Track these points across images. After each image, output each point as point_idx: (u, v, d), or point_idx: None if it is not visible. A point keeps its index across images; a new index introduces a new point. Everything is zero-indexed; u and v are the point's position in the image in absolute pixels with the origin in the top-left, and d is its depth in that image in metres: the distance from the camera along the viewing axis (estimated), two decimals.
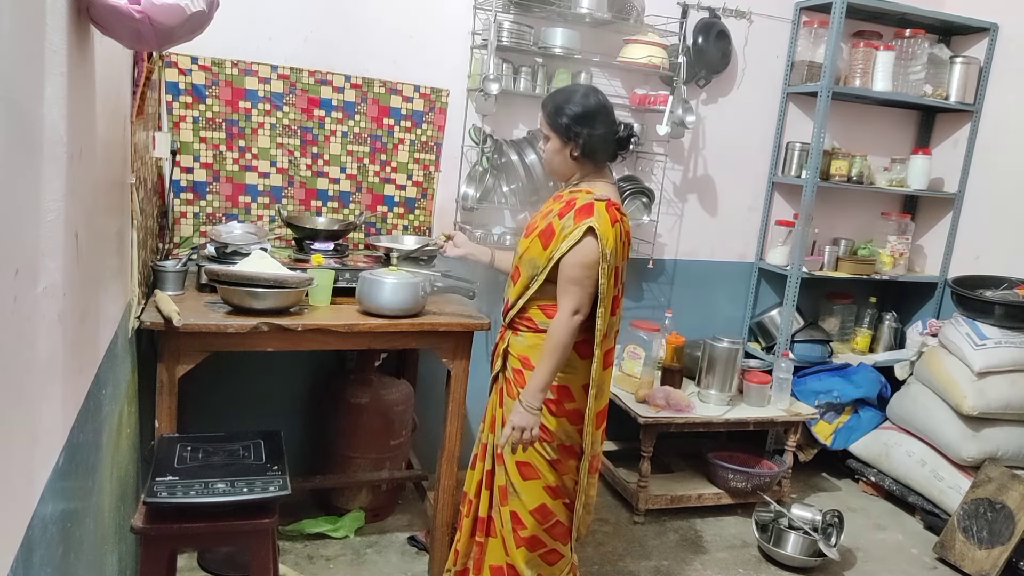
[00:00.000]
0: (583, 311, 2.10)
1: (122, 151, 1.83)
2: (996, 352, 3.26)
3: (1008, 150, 3.64)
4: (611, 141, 2.18)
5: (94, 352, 1.51)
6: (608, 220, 2.09)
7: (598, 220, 2.07)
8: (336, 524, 2.89)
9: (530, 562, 2.27)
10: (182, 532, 1.67)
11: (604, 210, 2.09)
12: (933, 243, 4.00)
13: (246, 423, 2.90)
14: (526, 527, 2.25)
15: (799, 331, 3.73)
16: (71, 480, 1.26)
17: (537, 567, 2.29)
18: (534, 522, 2.24)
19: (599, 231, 2.06)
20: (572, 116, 2.11)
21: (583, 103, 2.12)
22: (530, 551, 2.27)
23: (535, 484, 2.24)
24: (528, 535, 2.25)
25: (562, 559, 2.31)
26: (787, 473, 3.41)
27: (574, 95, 2.15)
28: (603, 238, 2.07)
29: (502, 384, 2.27)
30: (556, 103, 2.15)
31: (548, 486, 2.24)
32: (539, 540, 2.27)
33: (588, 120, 2.12)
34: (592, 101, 2.14)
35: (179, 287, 2.40)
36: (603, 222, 2.08)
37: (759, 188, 3.83)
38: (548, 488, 2.24)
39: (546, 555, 2.29)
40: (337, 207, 3.09)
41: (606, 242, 2.07)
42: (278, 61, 2.89)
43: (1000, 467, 3.09)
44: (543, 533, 2.27)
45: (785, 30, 3.67)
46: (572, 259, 2.08)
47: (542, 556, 2.29)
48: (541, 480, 2.23)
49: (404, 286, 2.42)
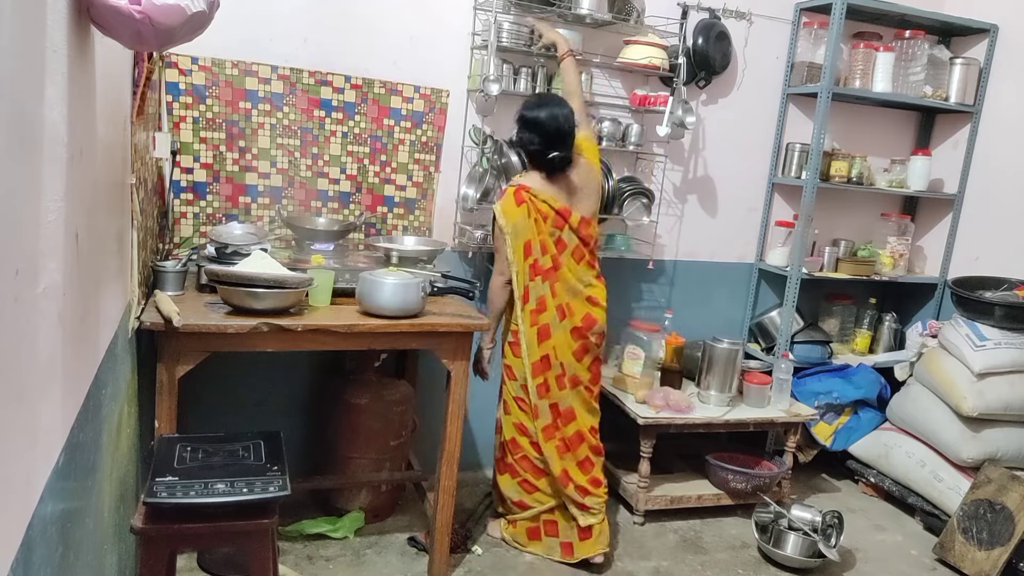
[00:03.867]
0: (504, 272, 2.70)
1: (122, 151, 1.83)
2: (996, 353, 3.26)
3: (1008, 151, 3.64)
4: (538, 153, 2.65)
5: (94, 352, 1.51)
6: (513, 201, 2.66)
7: (504, 202, 2.68)
8: (336, 525, 2.89)
9: (508, 486, 2.87)
10: (182, 532, 1.67)
11: (512, 194, 2.67)
12: (933, 244, 4.01)
13: (246, 423, 2.90)
14: (504, 454, 2.86)
15: (799, 332, 3.73)
16: (71, 480, 1.25)
17: (516, 492, 2.85)
18: (508, 451, 2.84)
19: (502, 210, 2.67)
20: (517, 116, 2.69)
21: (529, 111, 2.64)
22: (511, 477, 2.86)
23: (508, 419, 2.84)
24: (508, 463, 2.86)
25: (537, 491, 2.82)
26: (787, 474, 3.41)
27: (531, 100, 2.72)
28: (504, 215, 2.66)
29: None
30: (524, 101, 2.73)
31: (515, 423, 2.81)
32: (514, 469, 2.84)
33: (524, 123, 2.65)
34: (533, 113, 2.62)
35: (179, 287, 2.40)
36: (507, 202, 2.67)
37: (759, 189, 3.83)
38: (515, 424, 2.81)
39: (523, 483, 2.83)
40: (337, 208, 3.09)
41: (508, 218, 2.65)
42: (278, 62, 2.89)
43: (1000, 468, 3.09)
44: (516, 463, 2.83)
45: (785, 31, 3.67)
46: (495, 234, 2.75)
47: (520, 484, 2.84)
48: (511, 416, 2.81)
49: (404, 287, 2.42)
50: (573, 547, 2.82)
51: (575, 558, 2.82)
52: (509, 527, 2.94)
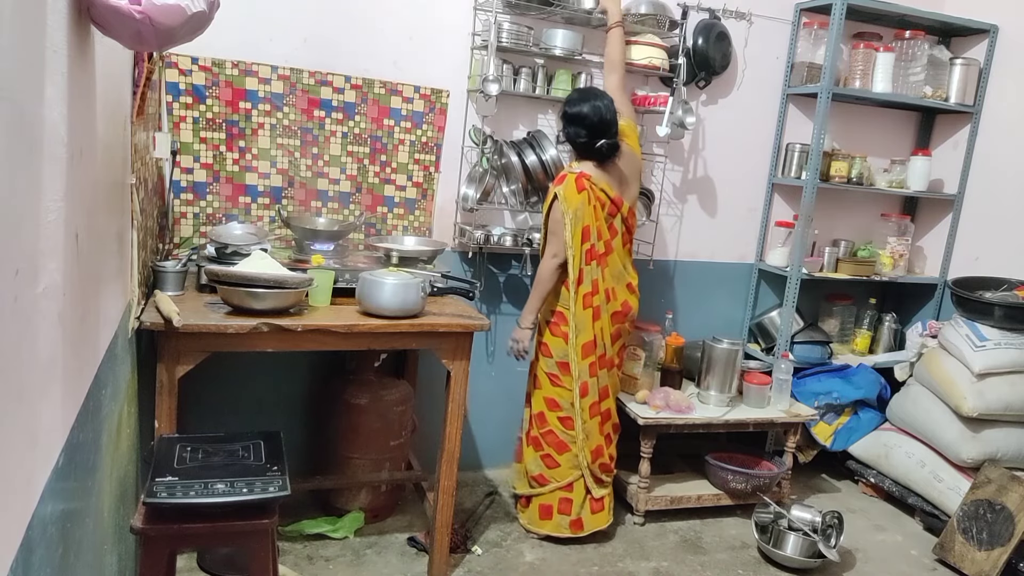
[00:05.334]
0: (559, 254, 2.78)
1: (122, 151, 1.83)
2: (996, 353, 3.26)
3: (1008, 151, 3.64)
4: (586, 144, 2.75)
5: (94, 352, 1.51)
6: (575, 188, 2.74)
7: (564, 187, 2.75)
8: (336, 525, 2.89)
9: (532, 460, 2.95)
10: (182, 532, 1.67)
11: (573, 180, 2.75)
12: (933, 244, 4.01)
13: (246, 423, 2.91)
14: (532, 428, 2.94)
15: (799, 332, 3.73)
16: (71, 480, 1.25)
17: (538, 466, 2.93)
18: (535, 425, 2.92)
19: (563, 195, 2.74)
20: (562, 110, 2.80)
21: (573, 107, 2.74)
22: (535, 450, 2.94)
23: (539, 394, 2.92)
24: (533, 435, 2.93)
25: (558, 467, 2.90)
26: (787, 474, 3.41)
27: (574, 95, 2.80)
28: (566, 200, 2.73)
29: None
30: (566, 97, 2.83)
31: (547, 397, 2.89)
32: (539, 442, 2.92)
33: (570, 119, 2.76)
34: (577, 108, 2.72)
35: (179, 287, 2.40)
36: (568, 188, 2.74)
37: (759, 189, 3.83)
38: (547, 399, 2.89)
39: (545, 457, 2.91)
40: (337, 208, 3.09)
41: (569, 203, 2.73)
42: (278, 62, 2.89)
43: (1000, 468, 3.09)
44: (541, 437, 2.90)
45: (785, 31, 3.67)
46: (549, 217, 2.82)
47: (542, 458, 2.91)
48: (542, 391, 2.90)
49: (404, 287, 2.42)
50: (583, 522, 2.96)
51: (584, 531, 2.96)
52: (524, 511, 3.04)
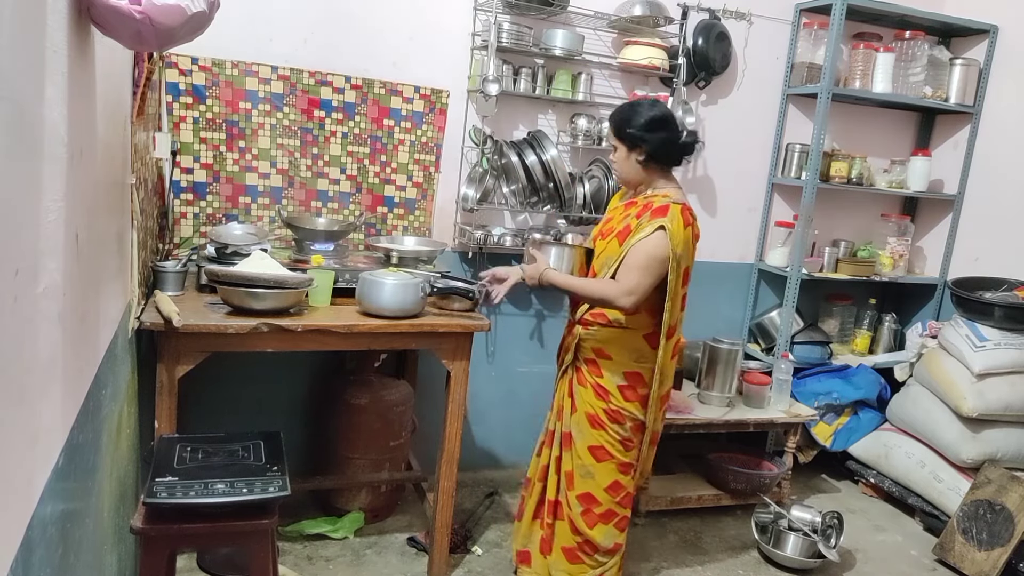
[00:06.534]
0: (637, 294, 2.22)
1: (122, 152, 1.83)
2: (995, 354, 3.26)
3: (1008, 151, 3.64)
4: (676, 146, 2.33)
5: (94, 352, 1.51)
6: (681, 223, 2.23)
7: (671, 220, 2.22)
8: (336, 525, 2.89)
9: (606, 534, 2.48)
10: (182, 533, 1.67)
11: (679, 213, 2.23)
12: (933, 245, 4.01)
13: (246, 424, 2.89)
14: (601, 504, 2.46)
15: (799, 332, 3.74)
16: (71, 481, 1.25)
17: (612, 537, 2.49)
18: (608, 497, 2.46)
19: (670, 230, 2.21)
20: (637, 125, 2.28)
21: (647, 113, 2.29)
22: (605, 524, 2.47)
23: (608, 464, 2.44)
24: (603, 510, 2.46)
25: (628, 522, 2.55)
26: (787, 474, 3.41)
27: (638, 107, 2.33)
28: (673, 237, 2.21)
29: (572, 375, 2.46)
30: (622, 115, 2.33)
31: (620, 463, 2.45)
32: (613, 512, 2.48)
33: (652, 127, 2.27)
34: (655, 112, 2.30)
35: (179, 288, 2.40)
36: (675, 223, 2.22)
37: (759, 189, 3.83)
38: (620, 466, 2.45)
39: (619, 523, 2.50)
40: (337, 208, 3.09)
41: (676, 242, 2.21)
42: (278, 62, 2.89)
43: (999, 469, 3.09)
44: (615, 505, 2.47)
45: (785, 32, 3.67)
46: (640, 247, 2.23)
47: (615, 525, 2.49)
48: (614, 460, 2.43)
49: (404, 287, 2.42)
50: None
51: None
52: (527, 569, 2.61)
